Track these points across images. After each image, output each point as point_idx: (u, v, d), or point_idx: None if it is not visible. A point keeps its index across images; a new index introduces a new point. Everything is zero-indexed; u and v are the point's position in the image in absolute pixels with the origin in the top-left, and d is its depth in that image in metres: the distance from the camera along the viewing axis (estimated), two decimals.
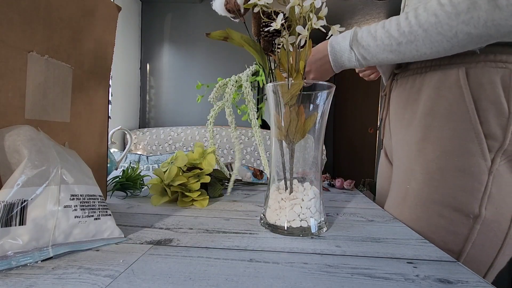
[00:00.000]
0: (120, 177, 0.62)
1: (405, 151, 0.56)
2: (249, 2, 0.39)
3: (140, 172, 0.67)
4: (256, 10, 0.40)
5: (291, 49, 0.40)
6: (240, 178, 0.80)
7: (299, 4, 0.36)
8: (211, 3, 0.47)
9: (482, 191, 0.45)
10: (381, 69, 0.67)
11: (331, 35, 0.40)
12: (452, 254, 0.46)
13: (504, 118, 0.44)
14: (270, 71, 0.46)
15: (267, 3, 0.38)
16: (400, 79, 0.60)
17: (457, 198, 0.47)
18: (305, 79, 0.62)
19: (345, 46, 0.55)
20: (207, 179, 0.57)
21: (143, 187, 0.66)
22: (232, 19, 0.48)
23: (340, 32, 0.39)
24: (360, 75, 0.84)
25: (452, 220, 0.47)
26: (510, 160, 0.45)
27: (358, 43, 0.53)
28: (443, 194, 0.48)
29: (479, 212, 0.45)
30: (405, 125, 0.56)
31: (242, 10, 0.44)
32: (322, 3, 0.36)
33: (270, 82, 0.43)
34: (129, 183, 0.62)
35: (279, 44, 0.44)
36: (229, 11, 0.45)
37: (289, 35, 0.40)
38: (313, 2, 0.35)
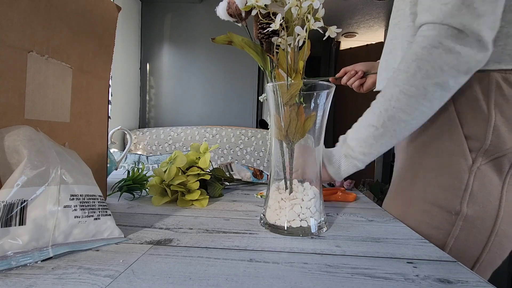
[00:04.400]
0: (125, 180, 0.61)
1: (398, 152, 0.60)
2: (246, 4, 0.39)
3: (146, 173, 0.66)
4: (254, 12, 0.40)
5: (289, 49, 0.40)
6: (240, 178, 0.80)
7: (297, 5, 0.36)
8: (215, 10, 0.47)
9: (462, 189, 0.47)
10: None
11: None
12: None
13: (484, 119, 0.46)
14: (271, 72, 0.46)
15: (265, 5, 0.38)
16: None
17: (438, 195, 0.49)
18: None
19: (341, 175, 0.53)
20: (207, 177, 0.57)
21: (148, 188, 0.65)
22: (235, 23, 0.49)
23: (337, 33, 0.39)
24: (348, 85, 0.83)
25: (434, 216, 0.49)
26: (493, 159, 0.46)
27: (354, 158, 0.51)
28: (426, 192, 0.51)
29: (460, 209, 0.47)
30: None
31: (243, 14, 0.44)
32: (320, 4, 0.36)
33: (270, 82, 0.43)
34: (137, 185, 0.61)
35: (277, 45, 0.44)
36: (231, 15, 0.45)
37: (287, 36, 0.40)
38: (311, 4, 0.35)
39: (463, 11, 0.39)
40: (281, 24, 0.37)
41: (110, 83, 1.00)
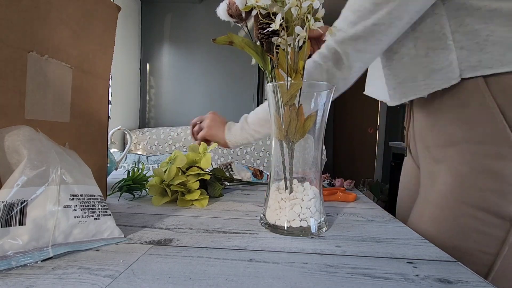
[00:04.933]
0: (125, 180, 0.61)
1: (428, 156, 0.56)
2: (247, 5, 0.39)
3: (146, 173, 0.66)
4: (254, 12, 0.40)
5: (289, 49, 0.40)
6: (240, 178, 0.80)
7: (297, 5, 0.36)
8: (215, 10, 0.47)
9: None
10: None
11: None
12: (486, 255, 0.45)
13: None
14: (271, 72, 0.47)
15: (265, 5, 0.38)
16: None
17: (490, 200, 0.46)
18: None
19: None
20: (207, 177, 0.57)
21: (148, 188, 0.65)
22: (236, 23, 0.49)
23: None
24: None
25: (485, 221, 0.46)
26: None
27: None
28: (476, 197, 0.47)
29: None
30: (429, 131, 0.57)
31: (243, 15, 0.45)
32: (320, 4, 0.36)
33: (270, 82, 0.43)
34: (137, 185, 0.61)
35: (277, 45, 0.44)
36: (231, 16, 0.45)
37: (287, 36, 0.40)
38: (311, 4, 0.35)
39: (351, 42, 0.49)
40: (281, 24, 0.37)
41: (110, 83, 1.00)
